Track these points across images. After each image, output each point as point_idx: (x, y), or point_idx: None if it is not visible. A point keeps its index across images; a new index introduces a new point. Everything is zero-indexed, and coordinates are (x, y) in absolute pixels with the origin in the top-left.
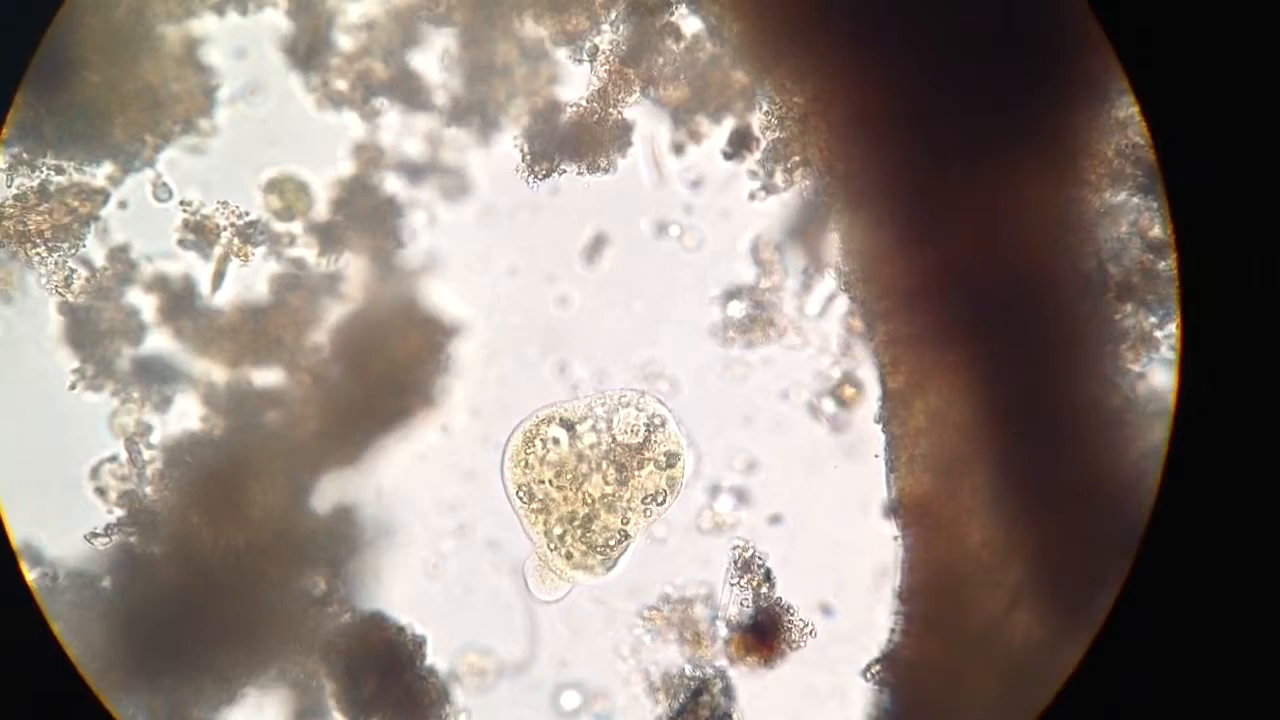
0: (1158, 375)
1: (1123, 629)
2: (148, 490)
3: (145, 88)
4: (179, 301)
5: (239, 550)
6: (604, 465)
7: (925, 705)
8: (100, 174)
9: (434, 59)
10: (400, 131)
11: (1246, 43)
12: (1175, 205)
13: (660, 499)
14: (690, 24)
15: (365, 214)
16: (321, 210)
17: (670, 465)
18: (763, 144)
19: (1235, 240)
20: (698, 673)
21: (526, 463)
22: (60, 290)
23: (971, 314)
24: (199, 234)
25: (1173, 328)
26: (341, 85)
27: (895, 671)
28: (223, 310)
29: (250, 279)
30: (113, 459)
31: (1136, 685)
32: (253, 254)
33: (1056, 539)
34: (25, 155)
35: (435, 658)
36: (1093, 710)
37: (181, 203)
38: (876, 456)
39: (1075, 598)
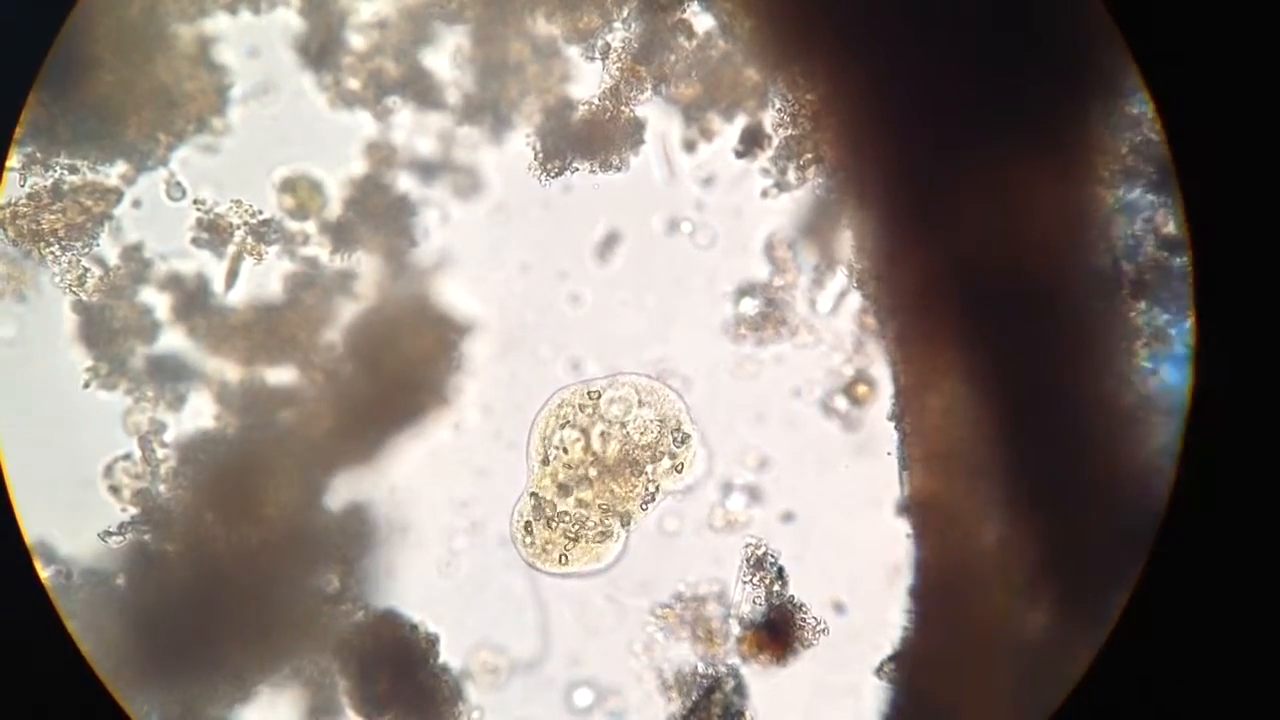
0: (1172, 372)
1: (1137, 626)
2: (161, 488)
3: (158, 87)
4: (192, 300)
5: (252, 548)
6: (619, 466)
7: (938, 703)
8: (114, 173)
9: (446, 57)
10: (412, 130)
11: (1261, 38)
12: (1189, 201)
13: (655, 492)
14: (702, 21)
15: (378, 212)
16: (334, 209)
17: (679, 444)
18: (775, 141)
19: (1249, 236)
20: (710, 670)
21: (548, 460)
22: (74, 289)
23: (984, 311)
24: (212, 232)
25: (1187, 324)
26: (354, 84)
27: (908, 669)
28: (236, 309)
29: (264, 277)
30: (126, 457)
31: (1150, 683)
32: (266, 252)
33: (1070, 536)
34: (39, 154)
35: (448, 655)
36: (1107, 708)
37: (195, 201)
38: (889, 454)
39: (1089, 595)
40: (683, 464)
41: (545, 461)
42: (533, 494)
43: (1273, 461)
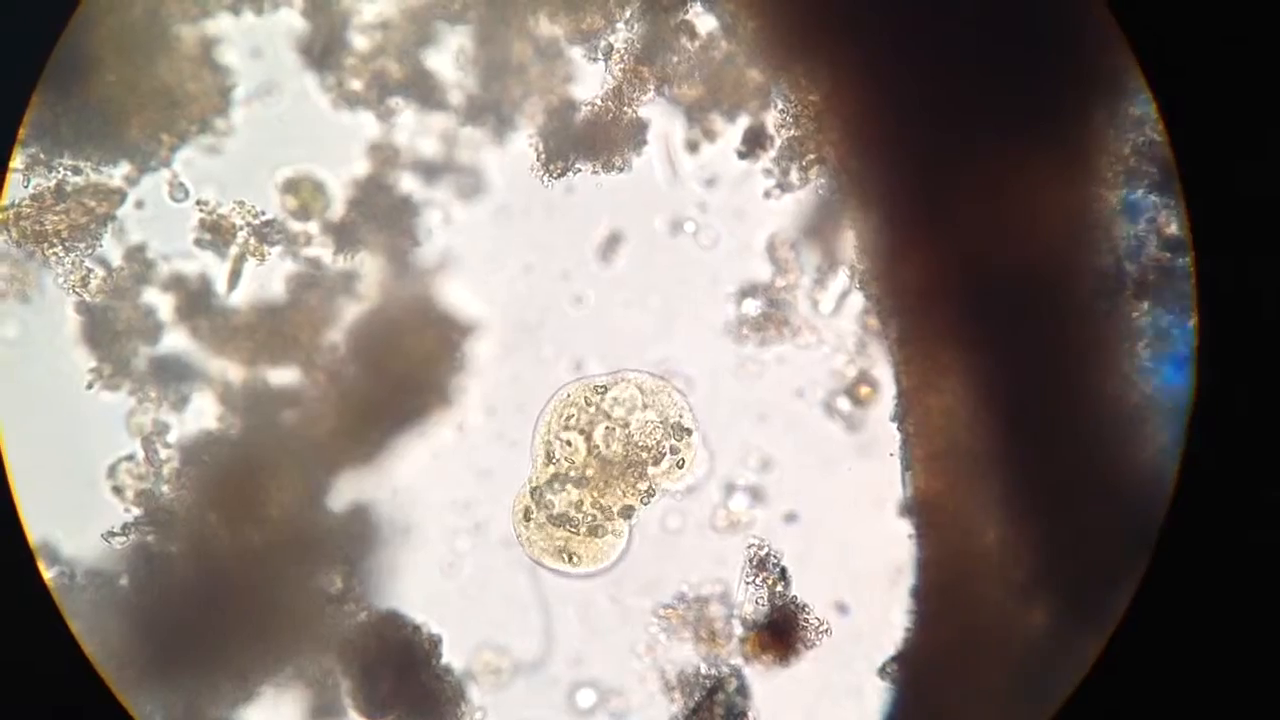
0: (1174, 373)
1: (1139, 627)
2: (165, 489)
3: (161, 88)
4: (195, 301)
5: (255, 549)
6: (620, 466)
7: (941, 704)
8: (117, 174)
9: (449, 58)
10: (415, 131)
11: (1263, 39)
12: (1192, 202)
13: (654, 489)
14: (705, 22)
15: (381, 213)
16: (337, 209)
17: (679, 438)
18: (777, 142)
19: (1252, 237)
20: (713, 671)
21: (551, 455)
22: (77, 290)
23: (987, 311)
24: (215, 233)
25: (1190, 325)
26: (357, 85)
27: (911, 670)
28: (239, 309)
29: (266, 278)
30: (130, 458)
31: (1153, 684)
32: (269, 253)
33: (1073, 537)
34: (42, 155)
35: (451, 656)
36: (1108, 708)
37: (198, 202)
38: (891, 455)
39: (1091, 596)
40: (683, 460)
41: (548, 456)
42: (534, 489)
43: (1275, 462)
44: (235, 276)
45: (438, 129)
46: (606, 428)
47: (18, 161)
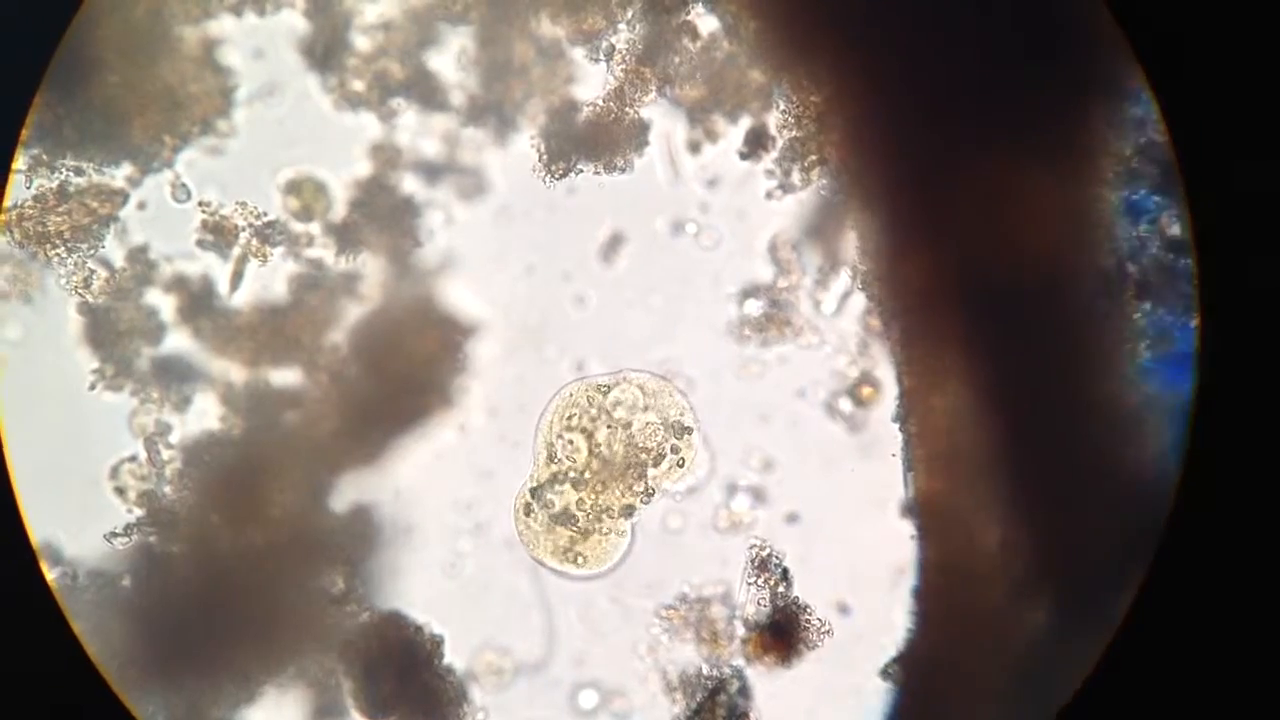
0: (1176, 373)
1: (1141, 628)
2: (167, 490)
3: (163, 89)
4: (198, 301)
5: (257, 549)
6: (621, 466)
7: (943, 705)
8: (119, 175)
9: (451, 59)
10: (417, 131)
11: (1264, 39)
12: (1194, 203)
13: (654, 489)
14: (707, 23)
15: (383, 214)
16: (339, 210)
17: (679, 437)
18: (779, 143)
19: (1254, 238)
20: (715, 672)
21: (553, 454)
22: (80, 291)
23: (989, 312)
24: (217, 234)
25: (1192, 325)
26: (359, 86)
27: (912, 671)
28: (241, 310)
29: (268, 279)
30: (132, 459)
31: (1155, 685)
32: (271, 254)
33: (1075, 538)
34: (44, 156)
35: (453, 656)
36: (1110, 709)
37: (200, 203)
38: (893, 455)
39: (1093, 597)
40: (684, 459)
41: (550, 455)
42: (534, 488)
43: (1276, 462)
44: (237, 277)
45: (439, 130)
46: (609, 428)
47: (20, 163)
